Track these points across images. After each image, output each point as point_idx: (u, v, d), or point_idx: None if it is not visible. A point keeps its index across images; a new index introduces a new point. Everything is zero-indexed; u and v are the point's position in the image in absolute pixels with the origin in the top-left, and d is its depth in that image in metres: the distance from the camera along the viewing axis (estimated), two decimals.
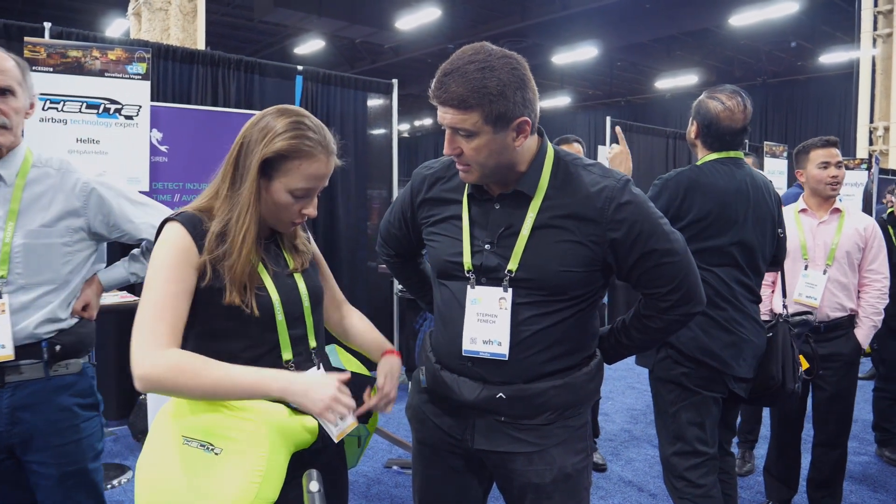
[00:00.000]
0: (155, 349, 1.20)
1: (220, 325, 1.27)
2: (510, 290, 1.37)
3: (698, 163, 2.22)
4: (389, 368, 1.49)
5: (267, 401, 1.22)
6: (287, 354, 1.32)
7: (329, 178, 1.34)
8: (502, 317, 1.37)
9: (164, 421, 1.26)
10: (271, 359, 1.30)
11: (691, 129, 2.26)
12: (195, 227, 1.28)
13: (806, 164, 2.81)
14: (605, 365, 1.53)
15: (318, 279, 1.47)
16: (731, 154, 2.20)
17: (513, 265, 1.36)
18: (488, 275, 1.39)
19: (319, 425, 1.26)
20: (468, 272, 1.40)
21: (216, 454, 1.17)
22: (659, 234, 1.37)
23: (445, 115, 1.28)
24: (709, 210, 2.09)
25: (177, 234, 1.27)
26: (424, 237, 1.54)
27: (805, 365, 2.38)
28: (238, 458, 1.16)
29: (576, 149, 3.48)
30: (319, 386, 1.23)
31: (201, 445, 1.19)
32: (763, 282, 2.29)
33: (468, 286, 1.40)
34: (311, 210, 1.34)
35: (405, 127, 25.51)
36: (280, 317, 1.30)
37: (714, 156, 2.20)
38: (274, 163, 1.27)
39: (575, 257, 1.35)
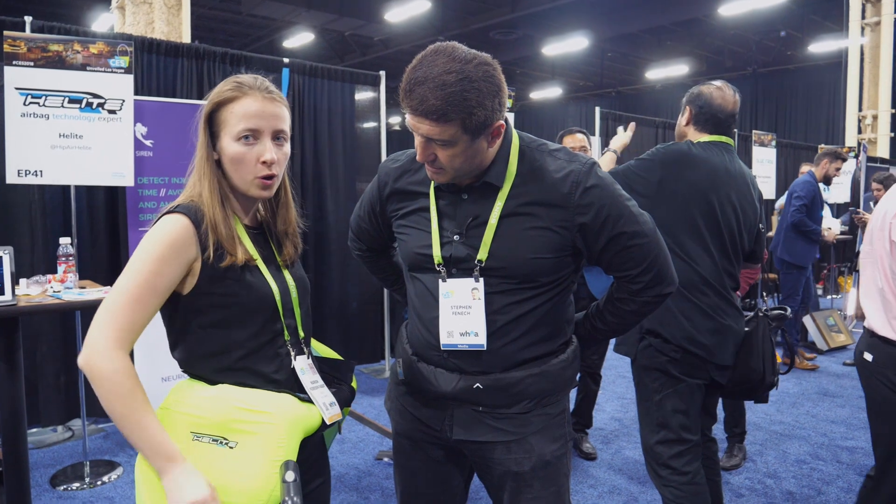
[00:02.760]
0: (114, 345, 1.16)
1: (222, 316, 1.26)
2: (481, 279, 1.37)
3: (694, 141, 2.22)
4: None
5: (274, 393, 1.25)
6: (286, 337, 1.33)
7: (281, 120, 1.29)
8: (476, 307, 1.37)
9: (165, 419, 1.22)
10: (273, 348, 1.31)
11: (683, 117, 2.28)
12: (196, 214, 1.25)
13: None
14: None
15: (302, 270, 1.46)
16: (723, 139, 2.22)
17: (482, 254, 1.36)
18: (458, 265, 1.38)
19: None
20: (438, 265, 1.40)
21: (231, 448, 1.17)
22: (626, 216, 1.36)
23: (420, 126, 1.24)
24: (699, 181, 2.09)
25: (177, 225, 1.22)
26: (394, 230, 1.53)
27: (778, 358, 2.38)
28: (256, 449, 1.17)
29: (579, 139, 3.53)
30: (196, 488, 1.13)
31: (214, 440, 1.18)
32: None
33: (440, 280, 1.40)
34: (268, 154, 1.26)
35: (396, 120, 25.39)
36: (279, 305, 1.31)
37: (707, 138, 2.22)
38: (214, 118, 1.29)
39: (544, 244, 1.35)
